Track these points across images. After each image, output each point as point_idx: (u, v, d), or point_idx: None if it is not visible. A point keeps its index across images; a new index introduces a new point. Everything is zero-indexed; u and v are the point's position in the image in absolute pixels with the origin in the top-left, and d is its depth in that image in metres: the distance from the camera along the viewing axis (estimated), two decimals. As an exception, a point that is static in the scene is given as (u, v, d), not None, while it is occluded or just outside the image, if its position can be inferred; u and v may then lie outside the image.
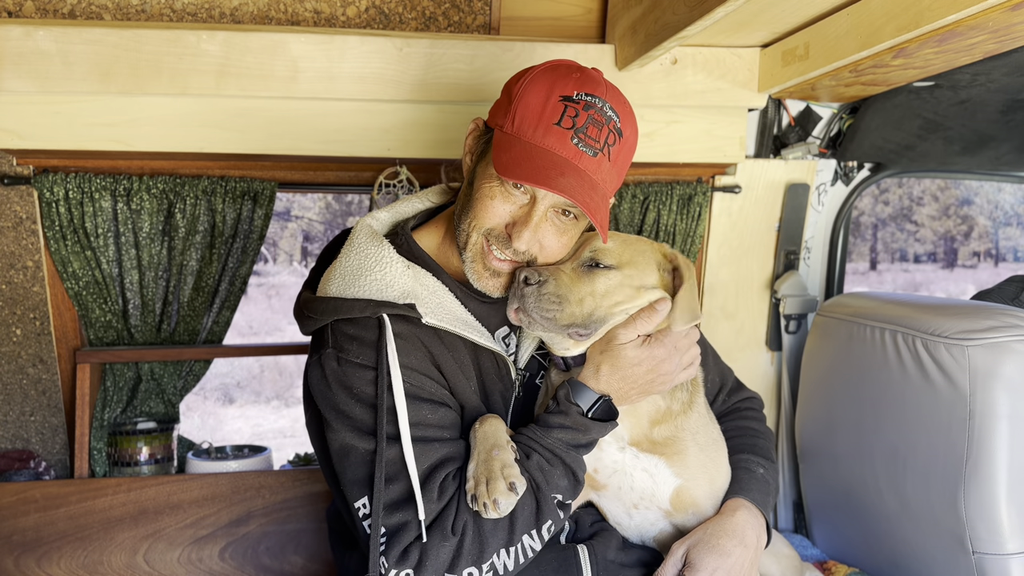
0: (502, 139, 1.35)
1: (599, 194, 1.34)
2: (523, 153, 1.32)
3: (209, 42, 1.83)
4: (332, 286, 1.39)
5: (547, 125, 1.33)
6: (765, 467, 1.55)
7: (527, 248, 1.36)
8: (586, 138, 1.32)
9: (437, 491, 1.28)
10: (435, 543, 1.26)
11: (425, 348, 1.38)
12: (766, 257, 2.36)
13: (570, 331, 1.36)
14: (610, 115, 1.35)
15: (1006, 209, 20.08)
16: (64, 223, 2.00)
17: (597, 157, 1.33)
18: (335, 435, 1.35)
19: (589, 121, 1.33)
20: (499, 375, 1.46)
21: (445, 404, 1.37)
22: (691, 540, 1.40)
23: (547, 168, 1.29)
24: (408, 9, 2.04)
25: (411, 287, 1.37)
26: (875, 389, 1.92)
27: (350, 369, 1.34)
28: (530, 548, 1.32)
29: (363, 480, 1.31)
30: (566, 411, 1.34)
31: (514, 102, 1.36)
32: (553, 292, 1.34)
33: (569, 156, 1.32)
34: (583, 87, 1.35)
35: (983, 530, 1.66)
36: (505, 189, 1.35)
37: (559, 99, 1.33)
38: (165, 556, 2.09)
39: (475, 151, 1.44)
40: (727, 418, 1.64)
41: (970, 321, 1.71)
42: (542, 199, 1.34)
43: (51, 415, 2.16)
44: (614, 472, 1.44)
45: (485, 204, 1.36)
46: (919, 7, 1.48)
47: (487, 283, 1.40)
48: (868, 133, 2.18)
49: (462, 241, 1.40)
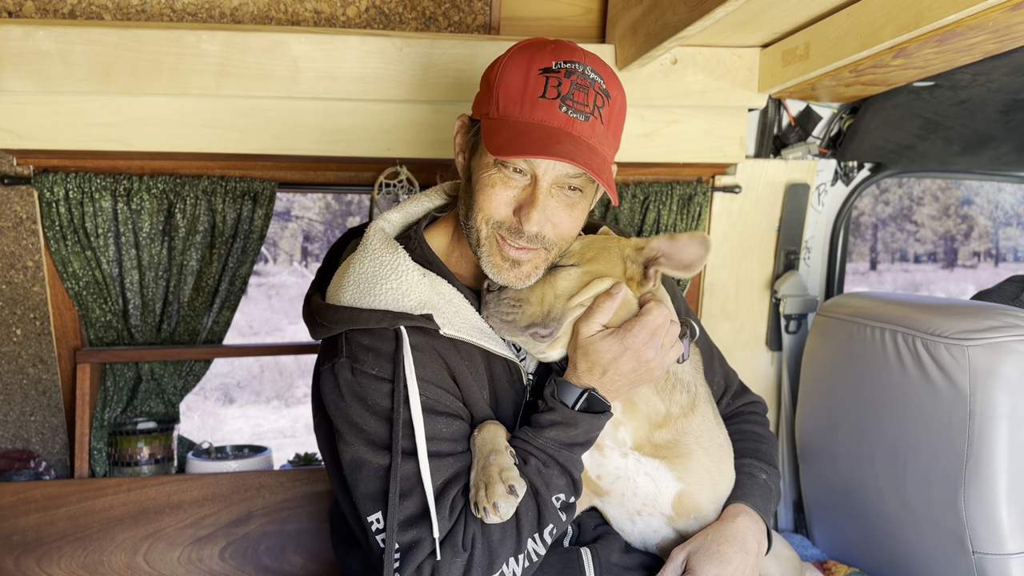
0: (490, 125, 1.33)
1: (599, 157, 1.31)
2: (514, 131, 1.29)
3: (209, 42, 1.83)
4: (346, 294, 1.36)
5: (532, 100, 1.30)
6: (768, 473, 1.54)
7: (539, 229, 1.32)
8: (574, 104, 1.30)
9: (449, 508, 1.28)
10: (447, 559, 1.25)
11: (441, 359, 1.36)
12: (766, 257, 2.36)
13: (531, 331, 1.35)
14: (593, 78, 1.33)
15: (1006, 209, 20.08)
16: (64, 223, 2.00)
17: (589, 121, 1.31)
18: (348, 448, 1.34)
19: (574, 87, 1.30)
20: (511, 382, 1.44)
21: (460, 417, 1.35)
22: (692, 546, 1.39)
23: (542, 139, 1.27)
24: (408, 9, 2.04)
25: (427, 296, 1.34)
26: (875, 389, 1.92)
27: (365, 381, 1.32)
28: (535, 553, 1.31)
29: (377, 495, 1.30)
30: (553, 408, 1.33)
31: (495, 87, 1.34)
32: (513, 296, 1.35)
33: (561, 125, 1.29)
34: (560, 55, 1.32)
35: (983, 530, 1.66)
36: (504, 174, 1.32)
37: (539, 72, 1.31)
38: (165, 556, 2.09)
39: (466, 147, 1.42)
40: (731, 421, 1.62)
41: (970, 321, 1.71)
42: (543, 175, 1.31)
43: (51, 415, 2.16)
44: (617, 478, 1.43)
45: (487, 193, 1.33)
46: (919, 7, 1.48)
47: (507, 275, 1.35)
48: (868, 133, 2.18)
49: (473, 239, 1.37)
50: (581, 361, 1.34)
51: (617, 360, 1.33)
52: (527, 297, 1.35)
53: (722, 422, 1.54)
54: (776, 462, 1.60)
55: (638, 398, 1.41)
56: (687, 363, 1.47)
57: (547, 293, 1.35)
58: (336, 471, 1.43)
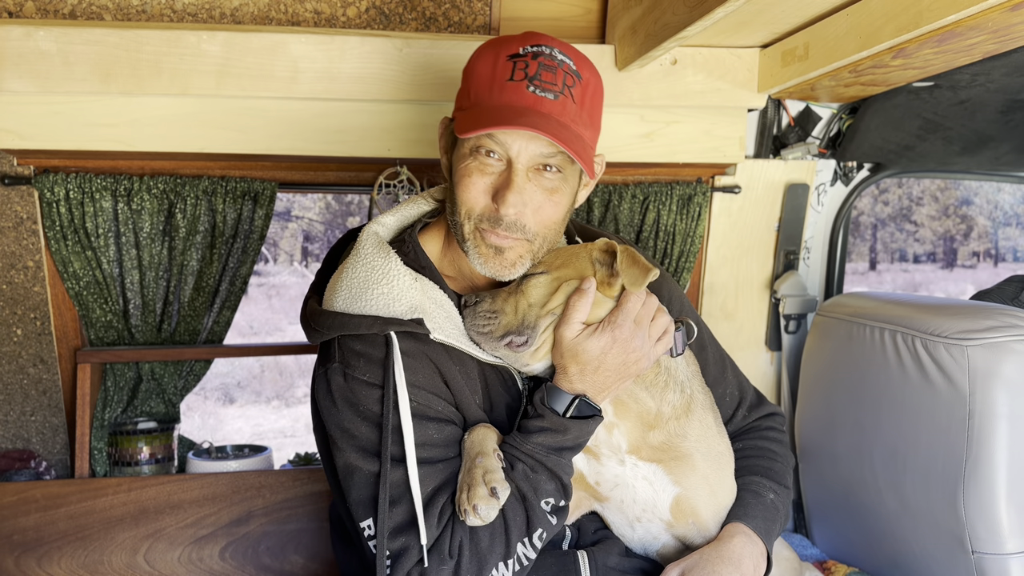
0: (462, 116, 1.34)
1: (570, 133, 1.30)
2: (481, 112, 1.29)
3: (210, 42, 1.84)
4: (338, 299, 1.36)
5: (501, 83, 1.29)
6: (777, 492, 1.50)
7: (516, 213, 1.31)
8: (542, 83, 1.29)
9: (438, 515, 1.28)
10: (434, 566, 1.25)
11: (433, 364, 1.35)
12: (766, 257, 2.37)
13: (506, 341, 1.35)
14: (561, 59, 1.32)
15: (1006, 209, 20.08)
16: (65, 223, 2.00)
17: (559, 99, 1.30)
18: (340, 453, 1.34)
19: (541, 68, 1.30)
20: (505, 387, 1.44)
21: (452, 422, 1.35)
22: (685, 564, 1.37)
23: (508, 116, 1.26)
24: (408, 9, 2.04)
25: (418, 301, 1.34)
26: (875, 389, 1.92)
27: (356, 386, 1.32)
28: (525, 557, 1.31)
29: (368, 501, 1.30)
30: (542, 414, 1.32)
31: (465, 80, 1.35)
32: (488, 308, 1.35)
33: (529, 104, 1.28)
34: (527, 42, 1.33)
35: (983, 530, 1.66)
36: (479, 161, 1.31)
37: (506, 58, 1.31)
38: (165, 556, 2.09)
39: (448, 147, 1.42)
40: (746, 436, 1.59)
41: (970, 321, 1.72)
42: (517, 156, 1.29)
43: (52, 415, 2.16)
44: (616, 486, 1.43)
45: (464, 184, 1.32)
46: (919, 7, 1.48)
47: (492, 263, 1.35)
48: (868, 133, 2.18)
49: (459, 235, 1.37)
50: (571, 364, 1.33)
51: (606, 354, 1.31)
52: (501, 308, 1.35)
53: (724, 431, 1.52)
54: (788, 481, 1.55)
55: (627, 397, 1.39)
56: (681, 363, 1.46)
57: (520, 302, 1.36)
58: (333, 474, 1.43)
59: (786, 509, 1.53)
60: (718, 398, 1.56)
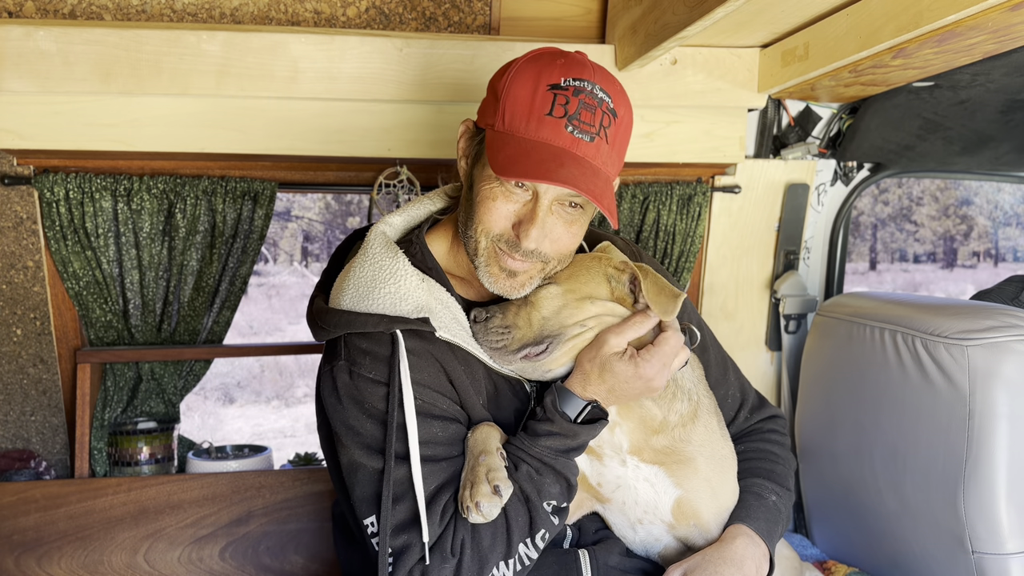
0: (495, 138, 1.32)
1: (601, 179, 1.31)
2: (518, 150, 1.28)
3: (209, 42, 1.84)
4: (345, 298, 1.36)
5: (539, 117, 1.29)
6: (778, 494, 1.51)
7: (536, 246, 1.33)
8: (580, 124, 1.29)
9: (440, 513, 1.28)
10: (436, 564, 1.26)
11: (438, 363, 1.36)
12: (766, 257, 2.37)
13: (523, 353, 1.35)
14: (602, 97, 1.32)
15: (1006, 209, 20.08)
16: (64, 223, 2.00)
17: (595, 142, 1.30)
18: (344, 451, 1.35)
19: (581, 106, 1.29)
20: (514, 391, 1.44)
21: (456, 420, 1.36)
22: (687, 565, 1.37)
23: (546, 161, 1.26)
24: (408, 9, 2.04)
25: (425, 301, 1.35)
26: (875, 389, 1.92)
27: (362, 384, 1.33)
28: (526, 557, 1.32)
29: (371, 498, 1.31)
30: (552, 419, 1.32)
31: (501, 99, 1.33)
32: (500, 324, 1.36)
33: (566, 145, 1.29)
34: (569, 72, 1.31)
35: (983, 530, 1.66)
36: (505, 189, 1.32)
37: (547, 88, 1.30)
38: (165, 556, 2.09)
39: (469, 154, 1.41)
40: (747, 438, 1.60)
41: (970, 321, 1.72)
42: (544, 193, 1.31)
43: (51, 415, 2.16)
44: (618, 487, 1.43)
45: (488, 207, 1.33)
46: (919, 7, 1.48)
47: (503, 284, 1.36)
48: (868, 133, 2.18)
49: (471, 248, 1.37)
50: (595, 372, 1.34)
51: (627, 383, 1.33)
52: (514, 322, 1.36)
53: (727, 434, 1.52)
54: (790, 483, 1.56)
55: (633, 402, 1.41)
56: (688, 371, 1.46)
57: (533, 315, 1.36)
58: (336, 471, 1.44)
59: (788, 511, 1.54)
60: (720, 400, 1.56)
